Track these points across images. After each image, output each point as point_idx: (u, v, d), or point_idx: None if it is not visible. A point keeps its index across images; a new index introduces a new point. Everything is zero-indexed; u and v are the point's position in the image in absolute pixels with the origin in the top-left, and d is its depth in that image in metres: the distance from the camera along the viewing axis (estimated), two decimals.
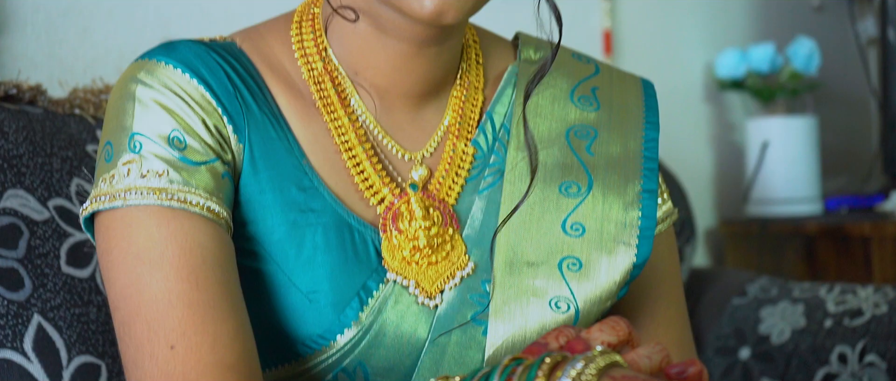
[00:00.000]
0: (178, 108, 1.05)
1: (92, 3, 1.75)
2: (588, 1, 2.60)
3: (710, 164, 2.91)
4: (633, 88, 1.23)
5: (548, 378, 0.82)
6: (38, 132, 1.43)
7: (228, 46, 1.12)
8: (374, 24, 1.08)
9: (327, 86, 1.12)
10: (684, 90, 2.84)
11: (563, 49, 1.24)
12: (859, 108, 3.30)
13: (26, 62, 1.67)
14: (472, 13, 1.05)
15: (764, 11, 3.06)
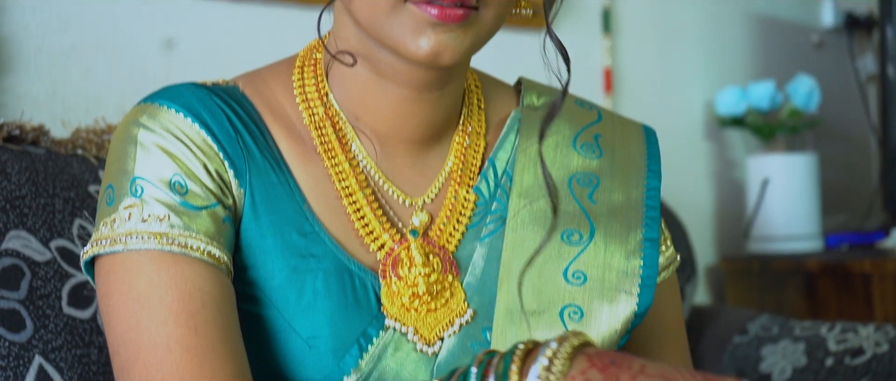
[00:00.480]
0: (180, 152, 1.05)
1: (94, 44, 1.76)
2: (588, 39, 2.61)
3: (710, 201, 2.91)
4: (635, 135, 1.23)
5: (523, 362, 0.82)
6: (40, 173, 1.44)
7: (231, 90, 1.13)
8: (374, 69, 1.09)
9: (328, 131, 1.12)
10: (685, 127, 2.84)
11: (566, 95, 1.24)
12: (859, 144, 3.30)
13: (29, 102, 1.68)
14: (469, 54, 1.05)
15: (764, 49, 3.07)
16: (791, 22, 3.17)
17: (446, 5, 1.00)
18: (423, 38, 1.00)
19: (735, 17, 3.00)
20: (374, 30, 1.03)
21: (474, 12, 1.02)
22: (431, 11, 0.99)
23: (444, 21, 1.00)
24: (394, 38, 1.02)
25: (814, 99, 2.79)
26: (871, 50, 3.28)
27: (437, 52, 1.01)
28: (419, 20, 1.00)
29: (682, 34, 2.84)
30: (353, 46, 1.09)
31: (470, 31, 1.02)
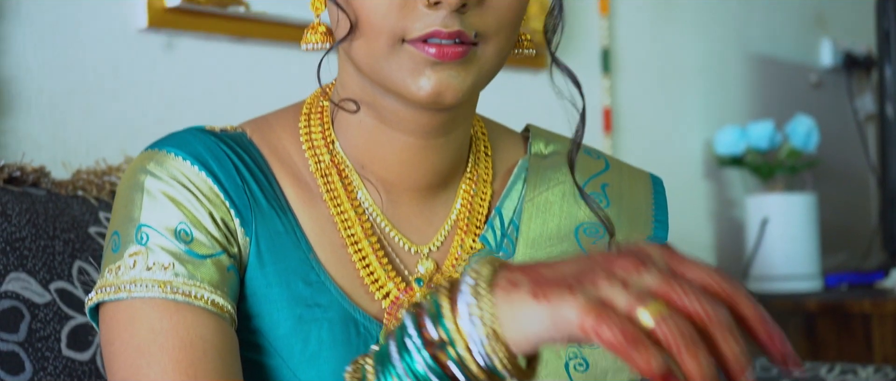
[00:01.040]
0: (186, 200, 1.05)
1: (95, 84, 1.76)
2: (588, 78, 2.61)
3: (709, 240, 2.91)
4: (642, 184, 1.23)
5: (450, 292, 0.80)
6: (40, 215, 1.44)
7: (238, 137, 1.12)
8: (378, 117, 1.08)
9: (334, 178, 1.11)
10: (684, 167, 2.85)
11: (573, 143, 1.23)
12: (858, 184, 3.31)
13: (30, 143, 1.68)
14: (472, 93, 1.04)
15: (763, 89, 3.08)
16: (790, 62, 3.18)
17: (444, 43, 0.99)
18: (423, 79, 1.00)
19: (734, 56, 3.01)
20: (374, 73, 1.03)
21: (474, 48, 1.01)
22: (429, 51, 0.99)
23: (443, 60, 0.99)
24: (394, 81, 1.01)
25: (812, 139, 2.80)
26: (870, 89, 3.29)
27: (438, 92, 1.00)
28: (418, 61, 1.00)
29: (681, 74, 2.85)
30: (357, 94, 1.09)
31: (471, 68, 1.02)
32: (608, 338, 0.72)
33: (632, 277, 0.75)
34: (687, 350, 0.71)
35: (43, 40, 1.71)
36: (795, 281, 2.74)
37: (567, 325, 0.75)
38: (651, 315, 0.72)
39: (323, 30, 1.08)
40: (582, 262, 0.78)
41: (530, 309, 0.77)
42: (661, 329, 0.71)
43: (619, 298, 0.74)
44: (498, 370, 0.79)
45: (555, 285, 0.77)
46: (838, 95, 3.31)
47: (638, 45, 2.73)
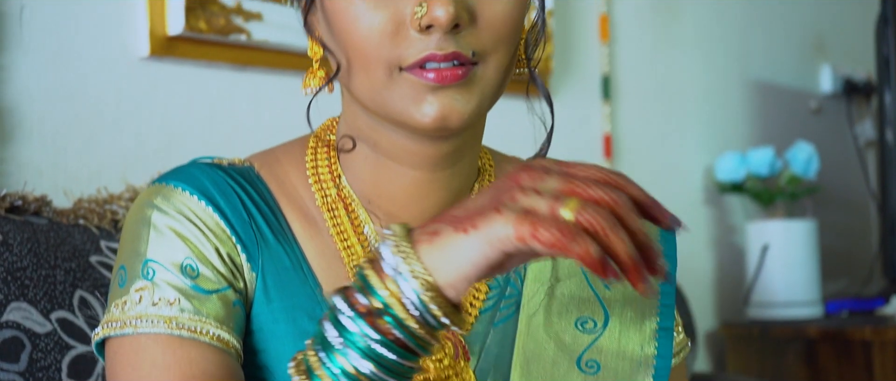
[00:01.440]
0: (192, 235, 1.05)
1: (97, 113, 1.77)
2: (588, 105, 2.62)
3: (710, 266, 2.91)
4: None
5: (372, 263, 0.87)
6: (42, 244, 1.44)
7: (246, 171, 1.12)
8: (384, 151, 1.08)
9: (340, 213, 1.11)
10: (684, 193, 2.85)
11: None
12: (859, 210, 3.31)
13: (32, 171, 1.68)
14: (477, 115, 1.02)
15: (763, 115, 3.08)
16: (790, 88, 3.19)
17: (443, 66, 0.98)
18: (426, 105, 0.99)
19: (734, 83, 3.01)
20: (377, 105, 1.02)
21: (473, 68, 1.00)
22: (428, 76, 0.98)
23: (443, 83, 0.98)
24: (398, 111, 1.01)
25: (813, 166, 2.80)
26: (870, 116, 3.30)
27: (443, 117, 0.99)
28: (418, 88, 0.99)
29: (681, 100, 2.86)
30: (360, 129, 1.09)
31: (474, 89, 1.01)
32: (547, 239, 0.80)
33: (539, 185, 0.84)
34: (611, 232, 0.81)
35: (45, 68, 1.71)
36: (796, 308, 2.74)
37: (502, 242, 0.82)
38: (571, 211, 0.81)
39: (322, 74, 1.08)
40: (490, 190, 0.86)
41: (460, 243, 0.83)
42: (584, 219, 0.81)
43: (538, 204, 0.82)
44: (437, 320, 0.85)
45: (477, 214, 0.84)
46: (838, 121, 3.32)
47: (638, 72, 2.74)
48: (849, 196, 3.29)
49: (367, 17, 0.99)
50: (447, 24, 0.97)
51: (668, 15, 2.82)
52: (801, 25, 3.25)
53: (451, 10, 0.96)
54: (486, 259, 0.84)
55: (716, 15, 2.96)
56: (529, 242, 0.81)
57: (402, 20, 0.99)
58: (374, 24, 0.99)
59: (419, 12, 0.97)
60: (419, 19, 0.97)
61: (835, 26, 3.35)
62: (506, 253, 0.83)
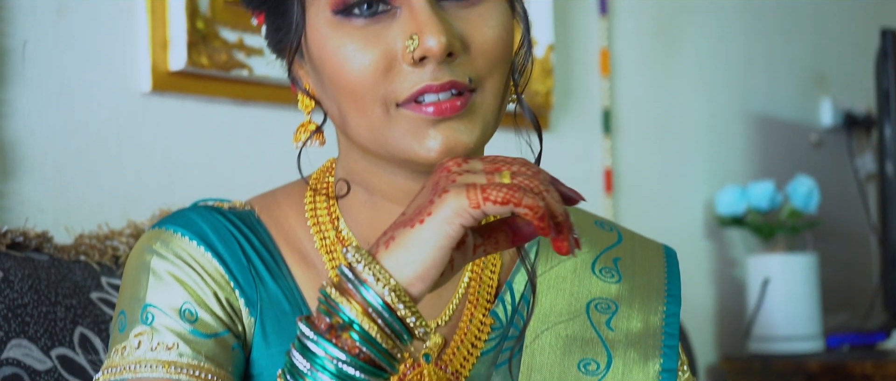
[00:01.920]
0: (191, 280, 1.05)
1: (99, 148, 1.77)
2: (589, 139, 2.62)
3: (711, 300, 2.91)
4: (655, 257, 1.21)
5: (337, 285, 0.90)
6: (43, 280, 1.44)
7: (245, 216, 1.12)
8: (382, 193, 1.08)
9: (339, 256, 1.10)
10: (685, 226, 2.85)
11: (585, 215, 1.22)
12: (859, 243, 3.31)
13: (33, 207, 1.68)
14: (480, 144, 1.02)
15: (763, 148, 3.09)
16: (790, 121, 3.19)
17: (441, 98, 0.98)
18: (430, 140, 0.99)
19: (734, 116, 3.02)
20: (377, 144, 1.02)
21: (471, 96, 1.00)
22: (427, 110, 0.98)
23: (444, 115, 0.98)
24: (401, 148, 1.00)
25: (813, 200, 2.81)
26: (870, 149, 3.30)
27: (448, 149, 0.98)
28: (417, 123, 0.99)
29: (681, 134, 2.86)
30: (357, 172, 1.09)
31: (475, 117, 1.00)
32: (498, 197, 0.87)
33: (467, 168, 0.91)
34: (546, 190, 0.88)
35: (48, 104, 1.72)
36: (797, 342, 2.74)
37: (459, 215, 0.87)
38: (506, 178, 0.89)
39: (313, 128, 1.08)
40: (426, 187, 0.92)
41: (418, 234, 0.88)
42: (520, 181, 0.88)
43: (477, 178, 0.90)
44: (403, 323, 0.88)
45: (425, 206, 0.89)
46: (839, 154, 3.32)
47: (639, 106, 2.74)
48: (849, 229, 3.29)
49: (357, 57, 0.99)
50: (440, 54, 0.96)
51: (668, 49, 2.83)
52: (801, 59, 3.26)
53: (443, 40, 0.96)
54: (448, 239, 0.88)
55: (716, 49, 2.97)
56: (483, 206, 0.87)
57: (393, 56, 0.99)
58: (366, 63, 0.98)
59: (411, 45, 0.97)
60: (412, 52, 0.97)
61: (835, 60, 3.36)
62: (463, 228, 0.88)
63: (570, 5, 2.58)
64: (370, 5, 0.99)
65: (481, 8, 1.01)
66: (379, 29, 0.99)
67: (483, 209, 0.88)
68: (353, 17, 0.99)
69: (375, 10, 0.99)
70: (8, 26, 1.68)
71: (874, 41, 2.91)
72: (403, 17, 0.99)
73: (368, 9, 0.99)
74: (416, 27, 0.97)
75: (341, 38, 0.99)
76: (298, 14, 1.02)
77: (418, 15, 0.98)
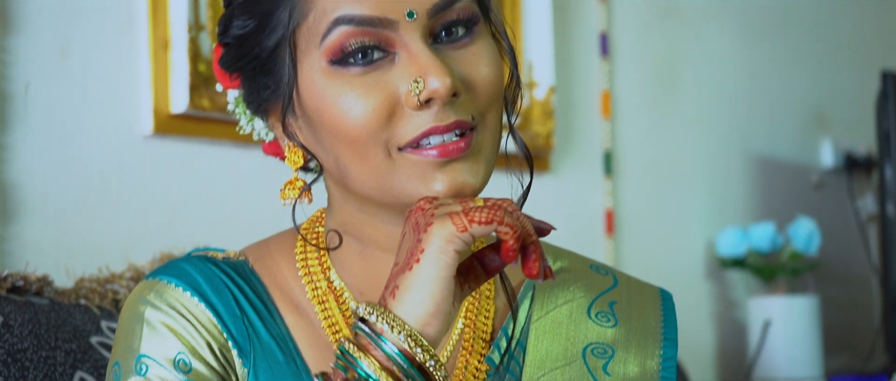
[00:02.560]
0: (185, 331, 1.05)
1: (100, 190, 1.77)
2: (590, 181, 2.62)
3: (711, 342, 2.90)
4: (651, 300, 1.20)
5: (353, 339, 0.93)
6: (43, 325, 1.44)
7: (239, 266, 1.12)
8: (374, 242, 1.08)
9: (331, 306, 1.10)
10: (686, 268, 2.85)
11: (581, 259, 1.21)
12: (861, 285, 3.31)
13: (34, 250, 1.68)
14: (485, 183, 1.02)
15: (764, 190, 3.09)
16: (791, 163, 3.20)
17: (446, 139, 0.99)
18: (437, 183, 0.99)
19: (735, 158, 3.02)
20: (381, 191, 1.01)
21: (473, 136, 1.00)
22: (430, 153, 0.98)
23: (450, 156, 0.98)
24: (408, 193, 1.00)
25: (814, 242, 2.81)
26: (871, 190, 3.30)
27: (456, 191, 0.99)
28: (422, 166, 0.99)
29: (682, 175, 2.86)
30: (350, 223, 1.08)
31: (479, 157, 1.01)
32: (482, 218, 0.91)
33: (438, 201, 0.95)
34: (518, 214, 0.93)
35: (49, 146, 1.72)
36: None
37: (450, 241, 0.91)
38: (480, 202, 0.93)
39: (301, 185, 1.08)
40: (408, 232, 0.95)
41: (418, 274, 0.91)
42: (491, 204, 0.93)
43: (453, 207, 0.93)
44: (423, 371, 0.90)
45: (415, 246, 0.92)
46: (839, 195, 3.32)
47: (640, 147, 2.75)
48: (851, 271, 3.29)
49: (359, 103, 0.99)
50: (447, 95, 0.97)
51: (669, 90, 2.83)
52: (801, 100, 3.26)
53: (447, 81, 0.97)
54: (447, 269, 0.91)
55: (716, 90, 2.98)
56: (470, 228, 0.91)
57: (396, 100, 0.99)
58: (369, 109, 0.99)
59: (416, 88, 0.97)
60: (418, 95, 0.97)
61: (835, 101, 3.37)
62: (458, 254, 0.91)
63: (572, 47, 2.59)
64: (365, 54, 0.99)
65: (473, 47, 1.02)
66: (378, 75, 0.99)
67: (470, 232, 0.91)
68: (349, 66, 1.00)
69: (371, 58, 1.00)
70: (10, 70, 1.69)
71: (874, 83, 2.92)
72: (403, 61, 0.99)
73: (364, 58, 0.99)
74: (419, 70, 0.98)
75: (340, 86, 0.99)
76: (289, 68, 1.02)
77: (419, 58, 0.98)
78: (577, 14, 2.61)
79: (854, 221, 3.27)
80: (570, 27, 2.58)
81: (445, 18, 1.01)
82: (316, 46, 1.00)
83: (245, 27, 1.04)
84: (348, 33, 0.99)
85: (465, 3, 1.02)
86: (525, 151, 1.06)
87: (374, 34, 0.99)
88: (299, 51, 1.01)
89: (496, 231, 0.92)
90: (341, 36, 0.99)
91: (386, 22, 0.99)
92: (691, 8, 2.92)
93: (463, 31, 1.02)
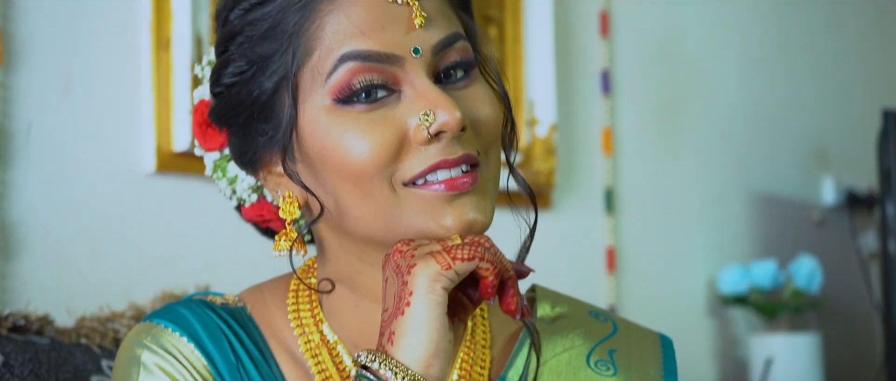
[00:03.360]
0: (180, 375, 1.05)
1: (101, 228, 1.77)
2: (591, 219, 2.62)
3: (713, 379, 2.89)
4: (651, 347, 1.19)
5: None
6: (43, 365, 1.43)
7: (237, 313, 1.11)
8: (367, 293, 1.06)
9: (325, 358, 1.09)
10: (687, 305, 2.84)
11: (580, 304, 1.20)
12: (863, 322, 3.30)
13: (35, 288, 1.68)
14: (492, 216, 1.02)
15: (765, 227, 3.09)
16: (792, 200, 3.20)
17: (454, 174, 0.99)
18: (447, 218, 0.99)
19: (736, 195, 3.02)
20: (388, 229, 1.00)
21: (478, 172, 1.00)
22: (438, 188, 0.99)
23: (458, 190, 0.99)
24: (416, 229, 0.99)
25: (816, 280, 2.81)
26: (873, 227, 3.30)
27: (467, 227, 0.99)
28: (430, 201, 0.99)
29: (684, 213, 2.86)
30: (343, 271, 1.07)
31: (486, 192, 1.01)
32: (464, 255, 0.94)
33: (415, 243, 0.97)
34: (495, 250, 0.95)
35: (52, 184, 1.72)
36: None
37: (437, 279, 0.92)
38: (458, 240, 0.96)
39: (295, 236, 1.06)
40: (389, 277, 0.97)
41: (411, 318, 0.92)
42: (471, 241, 0.95)
43: (430, 247, 0.95)
44: None
45: (402, 290, 0.93)
46: (841, 232, 3.32)
47: (641, 185, 2.75)
48: (852, 309, 3.28)
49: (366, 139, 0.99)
50: (457, 128, 0.98)
51: (670, 128, 2.84)
52: (802, 137, 3.27)
53: (457, 115, 0.97)
54: (439, 307, 0.93)
55: (718, 127, 2.98)
56: (454, 266, 0.93)
57: (404, 134, 0.99)
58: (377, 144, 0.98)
59: (426, 121, 0.98)
60: (428, 127, 0.98)
61: (836, 138, 3.37)
62: (445, 290, 0.93)
63: (573, 85, 2.59)
64: (368, 93, 0.99)
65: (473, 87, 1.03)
66: (383, 112, 0.99)
67: (454, 269, 0.93)
68: (354, 104, 0.99)
69: (376, 97, 1.00)
70: (13, 107, 1.69)
71: (876, 121, 2.92)
72: (409, 97, 1.00)
73: (367, 97, 0.99)
74: (428, 104, 0.98)
75: (344, 123, 0.99)
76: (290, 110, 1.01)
77: (427, 93, 0.99)
78: (579, 51, 2.62)
79: (856, 258, 3.27)
80: (571, 64, 2.59)
81: (447, 58, 1.02)
82: (320, 85, 1.00)
83: (243, 72, 1.03)
84: (355, 70, 0.99)
85: (464, 43, 1.03)
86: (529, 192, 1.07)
87: (381, 71, 0.99)
88: (302, 91, 1.01)
89: (477, 268, 0.94)
90: (348, 73, 0.99)
91: (393, 58, 0.99)
92: (692, 45, 2.93)
93: (461, 74, 1.03)
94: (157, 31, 1.85)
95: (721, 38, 3.04)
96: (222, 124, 1.08)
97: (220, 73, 1.05)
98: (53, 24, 1.74)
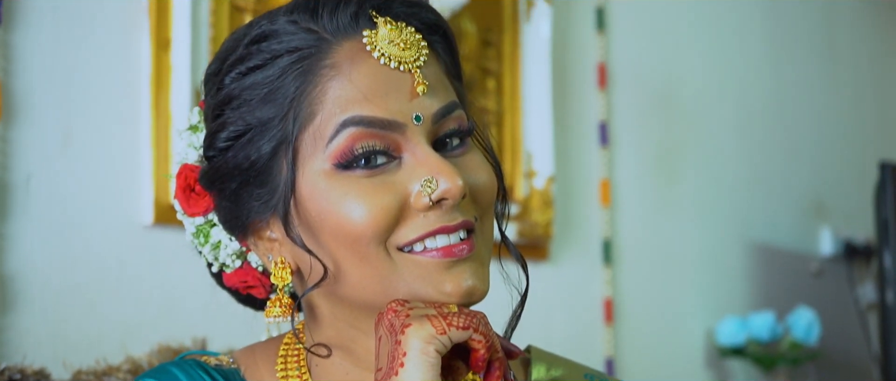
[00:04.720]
0: None
1: (99, 281, 1.77)
2: (589, 270, 2.62)
3: None
4: None
5: None
6: None
7: (231, 374, 1.10)
8: (358, 361, 1.06)
9: None
10: (685, 357, 2.84)
11: (576, 367, 1.19)
12: (861, 374, 3.30)
13: (31, 341, 1.68)
14: (488, 290, 1.02)
15: (763, 278, 3.09)
16: (790, 251, 3.20)
17: (452, 241, 0.99)
18: (446, 284, 0.99)
19: (734, 246, 3.03)
20: (386, 294, 1.00)
21: (473, 236, 1.00)
22: (433, 255, 0.99)
23: (456, 256, 0.99)
24: (415, 294, 0.99)
25: (814, 332, 2.81)
26: (871, 278, 3.30)
27: (468, 293, 0.99)
28: (428, 267, 0.99)
29: (681, 264, 2.87)
30: (332, 337, 1.06)
31: (483, 258, 1.01)
32: (460, 323, 0.94)
33: (409, 305, 0.97)
34: (489, 327, 0.96)
35: (49, 237, 1.72)
36: None
37: (431, 341, 0.93)
38: (454, 308, 0.96)
39: (288, 301, 1.06)
40: (382, 337, 0.97)
41: (407, 376, 0.92)
42: (467, 312, 0.96)
43: (426, 310, 0.95)
44: None
45: (395, 350, 0.94)
46: (839, 283, 3.32)
47: (639, 236, 2.75)
48: (851, 360, 3.28)
49: (366, 204, 0.98)
50: (459, 195, 0.98)
51: (668, 179, 2.84)
52: (800, 188, 3.28)
53: (459, 183, 0.98)
54: (433, 368, 0.93)
55: (716, 178, 2.99)
56: (449, 332, 0.93)
57: (405, 200, 0.99)
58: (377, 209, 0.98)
59: (429, 188, 0.98)
60: (430, 194, 0.98)
61: (834, 189, 3.38)
62: (439, 354, 0.93)
63: (571, 136, 2.60)
64: (368, 160, 0.99)
65: (469, 155, 1.04)
66: (384, 178, 0.99)
67: (449, 335, 0.94)
68: (354, 169, 0.99)
69: (375, 163, 1.00)
70: (11, 161, 1.69)
71: (873, 172, 2.93)
72: (409, 164, 1.00)
73: (367, 163, 0.99)
74: (430, 171, 0.98)
75: (344, 187, 0.99)
76: (288, 174, 1.01)
77: (429, 160, 0.99)
78: (577, 103, 2.63)
79: (854, 309, 3.26)
80: (569, 116, 2.60)
81: (445, 126, 1.02)
82: (321, 149, 1.00)
83: (240, 136, 1.02)
84: (357, 135, 0.99)
85: (460, 112, 1.03)
86: (522, 262, 1.07)
87: (382, 137, 0.99)
88: (301, 155, 1.01)
89: (470, 339, 0.95)
90: (350, 138, 0.99)
91: (395, 125, 0.99)
92: (690, 97, 2.94)
93: (458, 142, 1.03)
94: (156, 85, 1.86)
95: (718, 90, 3.05)
96: (213, 188, 1.07)
97: (215, 136, 1.04)
98: (52, 77, 1.75)
